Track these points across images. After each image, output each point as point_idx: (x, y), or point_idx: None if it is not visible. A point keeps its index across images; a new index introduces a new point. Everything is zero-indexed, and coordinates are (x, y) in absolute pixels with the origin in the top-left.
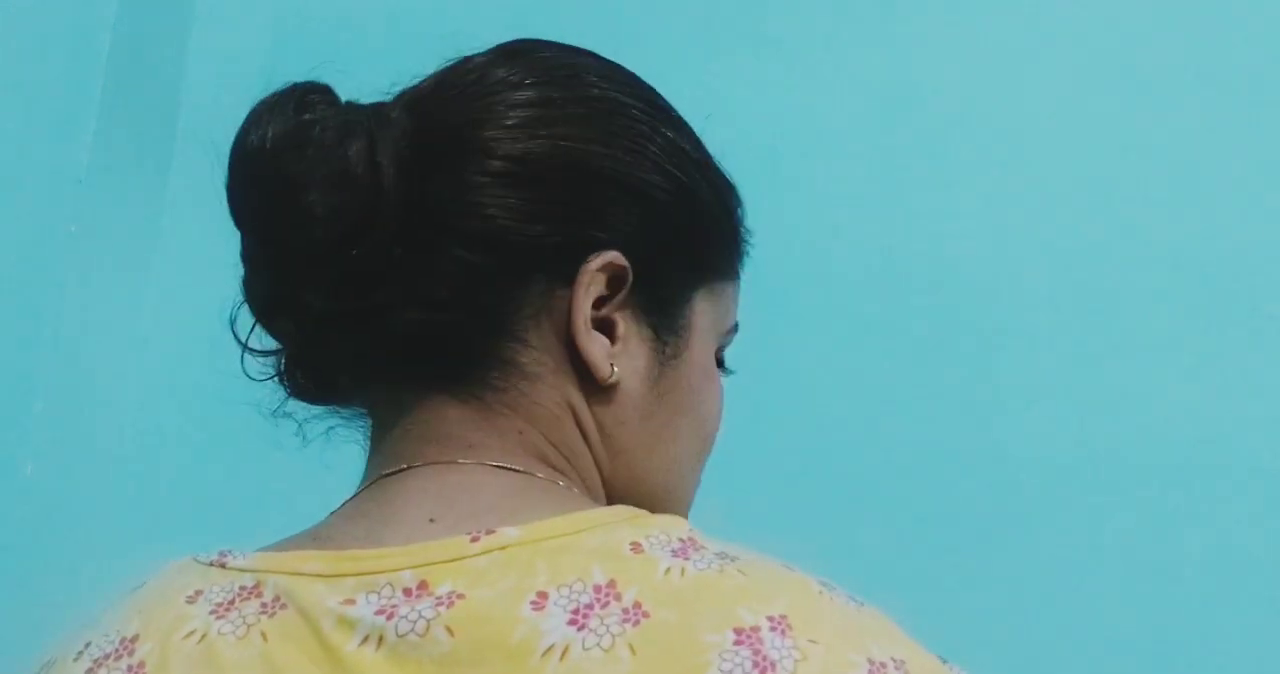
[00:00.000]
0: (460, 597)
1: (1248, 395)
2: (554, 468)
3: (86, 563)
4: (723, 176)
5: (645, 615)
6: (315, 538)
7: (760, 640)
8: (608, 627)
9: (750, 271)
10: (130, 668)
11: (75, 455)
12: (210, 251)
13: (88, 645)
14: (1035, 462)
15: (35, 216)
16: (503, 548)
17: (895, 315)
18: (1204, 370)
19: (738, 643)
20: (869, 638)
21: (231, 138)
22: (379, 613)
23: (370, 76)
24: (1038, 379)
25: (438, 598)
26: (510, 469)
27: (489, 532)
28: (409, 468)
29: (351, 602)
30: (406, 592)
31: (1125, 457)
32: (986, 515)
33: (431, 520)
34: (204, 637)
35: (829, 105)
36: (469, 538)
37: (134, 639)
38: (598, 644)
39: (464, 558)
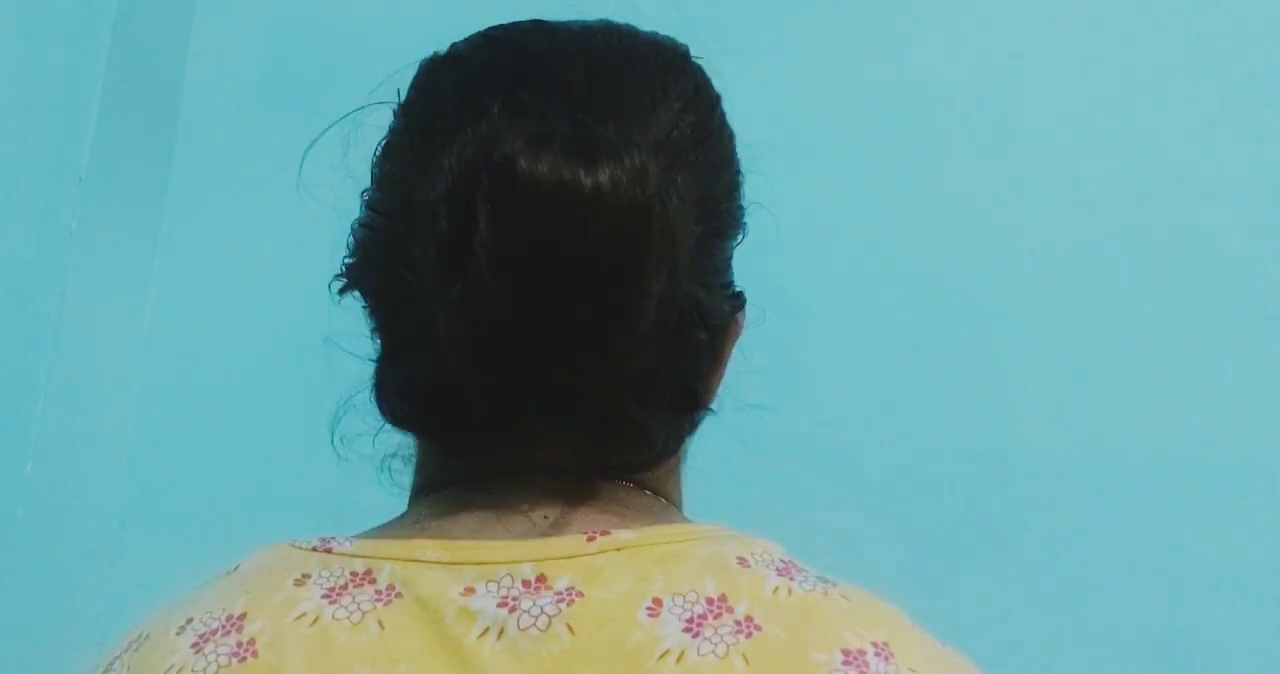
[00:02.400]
0: (579, 594)
1: (1248, 395)
2: (656, 488)
3: (86, 563)
4: None
5: (757, 628)
6: (421, 527)
7: (866, 664)
8: (721, 636)
9: (751, 272)
10: (240, 644)
11: (76, 455)
12: (210, 251)
13: (189, 621)
14: (1036, 461)
15: (35, 216)
16: (618, 549)
17: (895, 316)
18: (1205, 370)
19: (846, 663)
20: (955, 672)
21: (230, 138)
22: (500, 605)
23: (370, 76)
24: (1039, 379)
25: (557, 593)
26: (620, 483)
27: (604, 533)
28: (519, 473)
29: (471, 591)
30: (526, 584)
31: (1126, 456)
32: (987, 515)
33: (545, 517)
34: (316, 620)
35: (829, 107)
36: (585, 537)
37: (242, 617)
38: (713, 651)
39: (581, 556)
